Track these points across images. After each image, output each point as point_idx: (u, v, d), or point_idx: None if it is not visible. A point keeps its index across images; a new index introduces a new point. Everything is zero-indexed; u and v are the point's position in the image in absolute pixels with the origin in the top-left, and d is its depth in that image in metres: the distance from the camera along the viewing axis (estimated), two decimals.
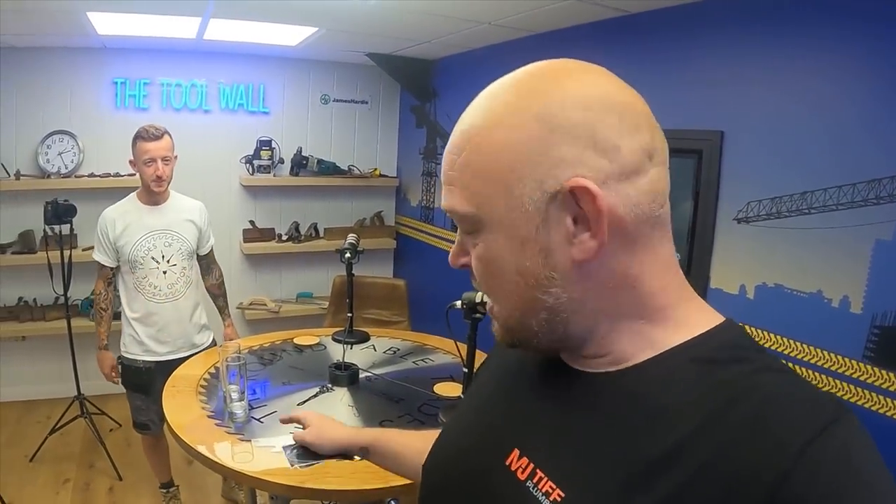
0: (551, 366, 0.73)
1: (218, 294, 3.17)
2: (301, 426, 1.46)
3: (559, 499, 0.63)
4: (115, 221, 2.77)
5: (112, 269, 2.84)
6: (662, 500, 0.56)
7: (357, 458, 1.35)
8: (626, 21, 2.71)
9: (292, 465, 1.56)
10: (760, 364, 0.61)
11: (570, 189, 0.60)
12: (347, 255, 2.62)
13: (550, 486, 0.64)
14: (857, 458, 0.53)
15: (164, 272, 2.81)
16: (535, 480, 0.66)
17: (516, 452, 0.70)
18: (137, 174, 2.80)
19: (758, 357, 0.63)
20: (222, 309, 3.18)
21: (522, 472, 0.68)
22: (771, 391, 0.57)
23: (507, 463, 0.70)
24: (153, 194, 2.80)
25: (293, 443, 1.48)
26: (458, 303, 2.08)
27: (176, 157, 2.82)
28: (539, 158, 0.60)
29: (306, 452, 1.48)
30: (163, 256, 2.81)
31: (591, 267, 0.63)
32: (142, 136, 2.71)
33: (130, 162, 2.79)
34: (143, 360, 2.86)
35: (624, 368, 0.66)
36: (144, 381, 2.86)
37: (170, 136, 2.78)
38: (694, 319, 0.66)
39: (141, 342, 2.84)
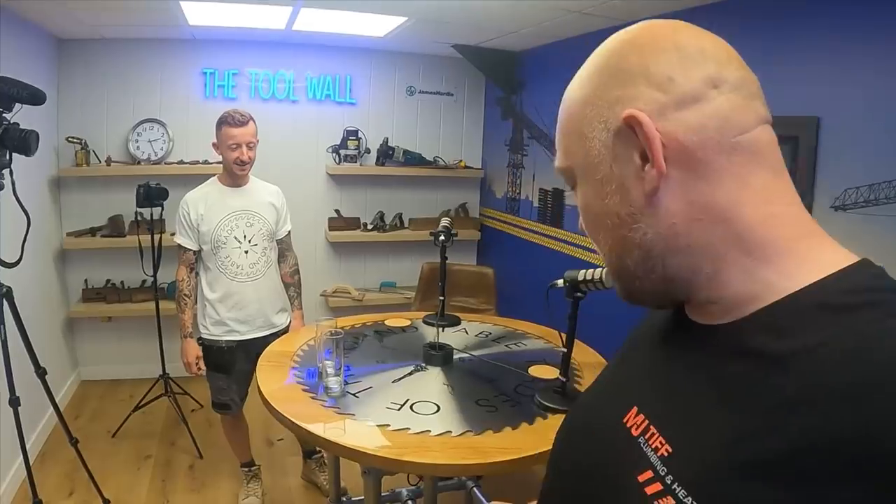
0: (676, 321, 0.72)
1: (290, 283, 3.13)
2: None
3: (667, 454, 0.62)
4: (197, 203, 2.83)
5: (194, 252, 2.88)
6: (766, 462, 0.51)
7: None
8: (719, 7, 2.64)
9: None
10: None
11: (624, 120, 0.63)
12: (441, 237, 2.61)
13: (660, 442, 0.64)
14: None
15: (246, 252, 2.86)
16: (647, 437, 0.66)
17: (634, 409, 0.71)
18: (221, 157, 2.87)
19: None
20: (293, 299, 3.14)
21: (637, 429, 0.68)
22: None
23: (625, 420, 0.71)
24: (235, 177, 2.87)
25: None
26: (560, 282, 2.03)
27: (258, 141, 2.87)
28: (601, 101, 0.66)
29: None
30: (244, 236, 2.85)
31: (665, 198, 0.63)
32: (227, 122, 2.77)
33: (214, 145, 2.86)
34: (226, 341, 2.90)
35: (739, 319, 0.61)
36: (227, 360, 2.90)
37: (254, 121, 2.84)
38: (820, 257, 0.60)
39: (223, 323, 2.88)
